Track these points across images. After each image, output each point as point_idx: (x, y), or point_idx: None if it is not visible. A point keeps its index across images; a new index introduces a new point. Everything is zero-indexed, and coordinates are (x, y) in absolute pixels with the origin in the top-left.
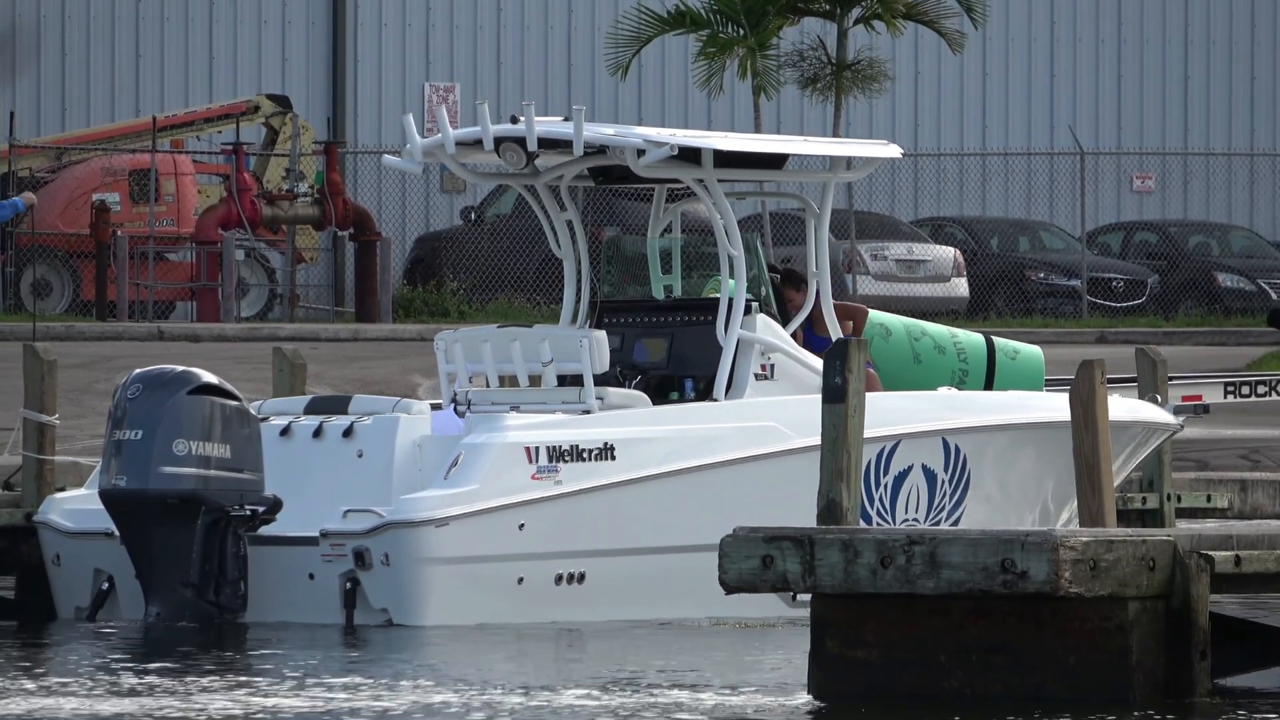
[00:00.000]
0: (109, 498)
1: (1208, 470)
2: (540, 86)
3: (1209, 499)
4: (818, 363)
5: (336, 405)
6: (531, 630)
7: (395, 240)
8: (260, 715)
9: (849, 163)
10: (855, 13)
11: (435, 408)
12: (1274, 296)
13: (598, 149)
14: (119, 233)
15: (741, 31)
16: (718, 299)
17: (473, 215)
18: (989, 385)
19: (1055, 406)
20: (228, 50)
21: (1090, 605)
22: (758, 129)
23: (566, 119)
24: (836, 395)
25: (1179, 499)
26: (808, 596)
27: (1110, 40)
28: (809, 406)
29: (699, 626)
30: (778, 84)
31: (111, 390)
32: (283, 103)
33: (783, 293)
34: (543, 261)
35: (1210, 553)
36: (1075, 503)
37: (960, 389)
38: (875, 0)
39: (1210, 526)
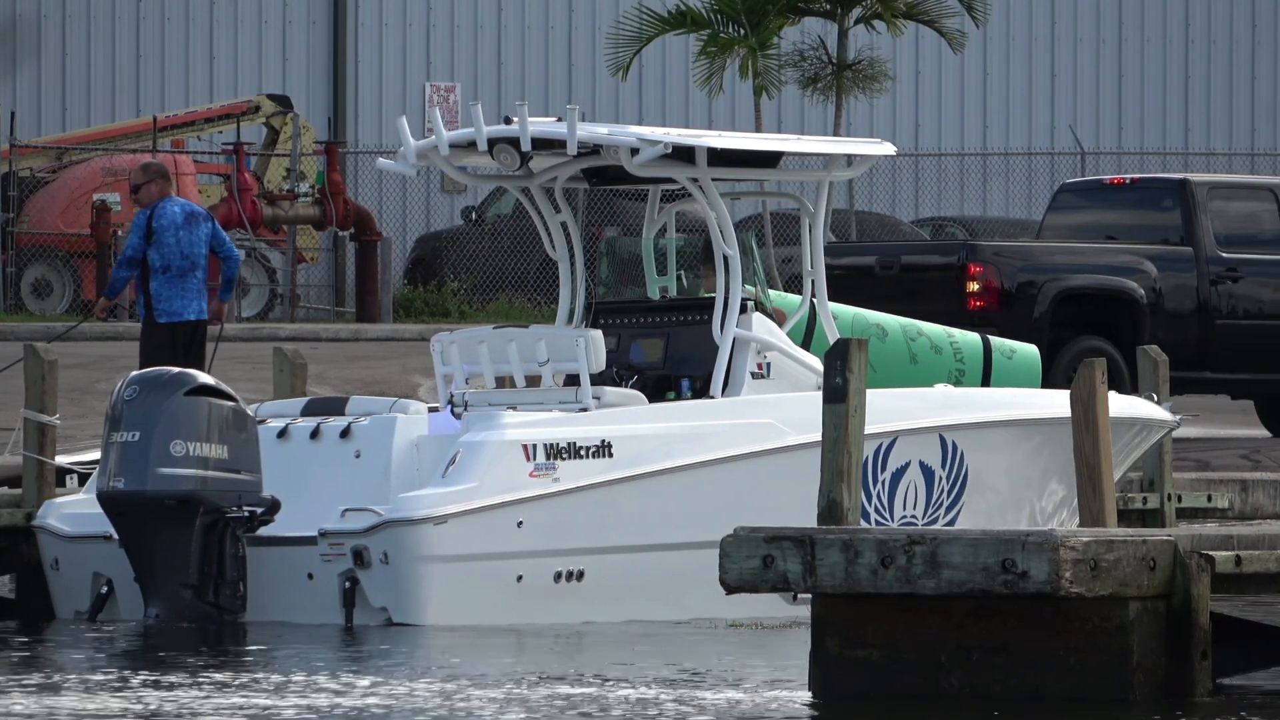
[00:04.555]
0: (107, 500)
1: (1208, 470)
2: (541, 87)
3: (1209, 499)
4: (814, 361)
5: (334, 406)
6: (531, 628)
7: (396, 240)
8: (261, 715)
9: (846, 161)
10: (856, 12)
11: (432, 410)
12: None
13: (591, 149)
14: (120, 233)
15: (742, 31)
16: (713, 298)
17: (473, 215)
18: (986, 384)
19: (1053, 403)
20: (228, 50)
21: (1091, 605)
22: (758, 129)
23: (560, 119)
24: (837, 395)
25: (1179, 499)
26: (807, 595)
27: (1111, 40)
28: (806, 404)
29: (712, 627)
30: (778, 84)
31: (111, 390)
32: (283, 103)
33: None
34: (543, 262)
35: (1211, 553)
36: (1075, 499)
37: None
38: (876, 0)
39: (1211, 527)
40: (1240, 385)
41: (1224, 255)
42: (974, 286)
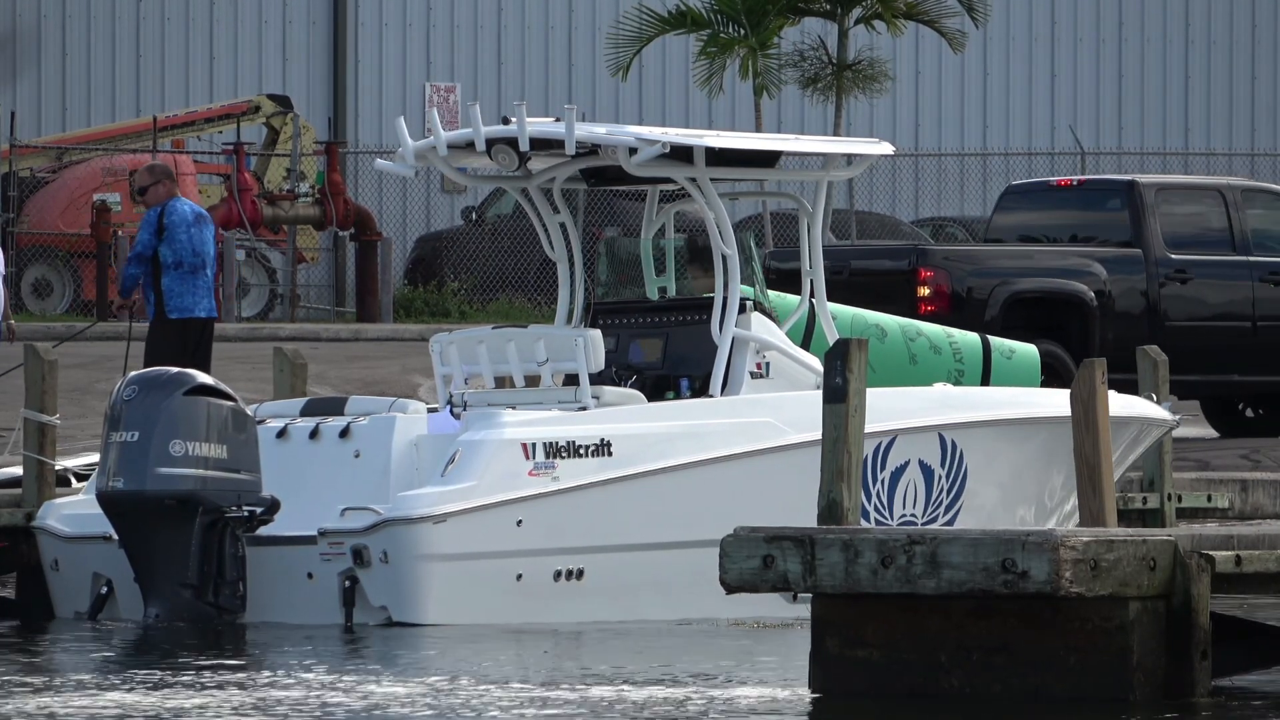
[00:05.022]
0: (106, 500)
1: (1208, 470)
2: (541, 87)
3: (1209, 499)
4: (813, 360)
5: (333, 406)
6: (531, 628)
7: (396, 240)
8: (260, 715)
9: (845, 161)
10: (856, 12)
11: (431, 410)
12: None
13: (590, 149)
14: (120, 233)
15: (742, 31)
16: (711, 298)
17: (473, 215)
18: (985, 384)
19: (1052, 402)
20: (228, 50)
21: (1091, 605)
22: (759, 129)
23: (558, 120)
24: (837, 395)
25: (1179, 499)
26: (807, 595)
27: (1111, 40)
28: (805, 403)
29: (713, 626)
30: (778, 84)
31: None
32: (283, 103)
33: (687, 267)
34: (543, 262)
35: (1211, 553)
36: (1074, 498)
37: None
38: (876, 0)
39: (1211, 527)
40: (1189, 386)
41: (1173, 257)
42: (925, 291)
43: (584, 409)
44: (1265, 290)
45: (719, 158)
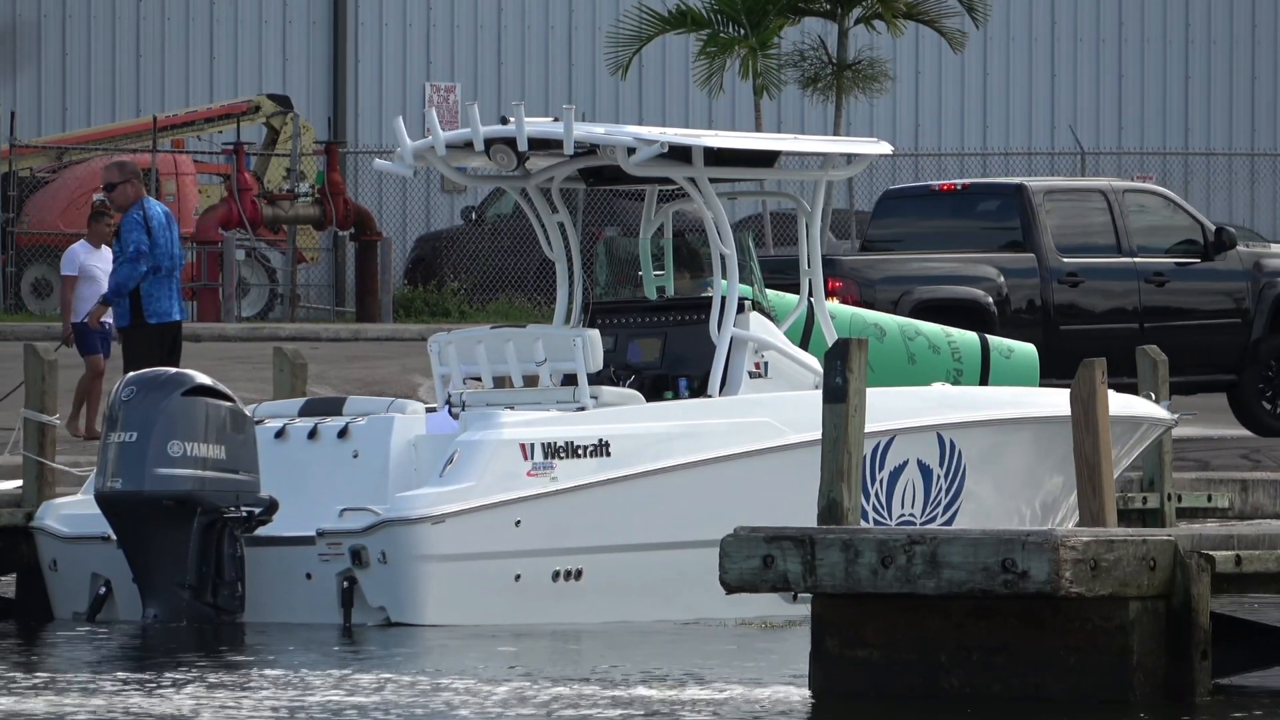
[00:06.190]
0: (105, 500)
1: (1208, 470)
2: (541, 86)
3: (1210, 499)
4: (812, 360)
5: (331, 406)
6: (530, 628)
7: (396, 240)
8: (259, 715)
9: (843, 160)
10: (856, 12)
11: (430, 410)
12: None
13: (588, 148)
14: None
15: (742, 31)
16: (709, 298)
17: (473, 215)
18: (984, 383)
19: (1051, 402)
20: (228, 50)
21: (1091, 605)
22: (758, 129)
23: (557, 119)
24: (837, 395)
25: (1179, 499)
26: (807, 595)
27: (1111, 40)
28: (804, 403)
29: (716, 626)
30: (779, 84)
31: (111, 391)
32: (283, 103)
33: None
34: (543, 262)
35: (1211, 553)
36: (1073, 497)
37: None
38: (876, 0)
39: (1211, 527)
40: None
41: (1065, 261)
42: (833, 301)
43: (582, 409)
44: (1149, 292)
45: (717, 157)
